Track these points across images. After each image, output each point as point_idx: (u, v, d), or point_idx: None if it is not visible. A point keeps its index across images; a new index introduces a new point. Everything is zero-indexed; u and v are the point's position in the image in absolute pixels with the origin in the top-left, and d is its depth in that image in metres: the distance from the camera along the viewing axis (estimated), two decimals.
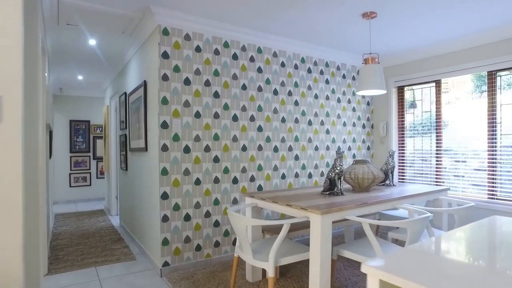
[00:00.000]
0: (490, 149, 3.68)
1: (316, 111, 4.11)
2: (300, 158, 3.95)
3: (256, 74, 3.59)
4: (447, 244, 1.29)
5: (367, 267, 1.02)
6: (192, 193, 3.13)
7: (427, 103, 4.29)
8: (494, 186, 3.64)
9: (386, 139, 4.66)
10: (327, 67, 4.23)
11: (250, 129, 3.53)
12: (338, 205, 2.24)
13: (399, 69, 4.50)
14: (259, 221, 2.05)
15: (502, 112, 3.61)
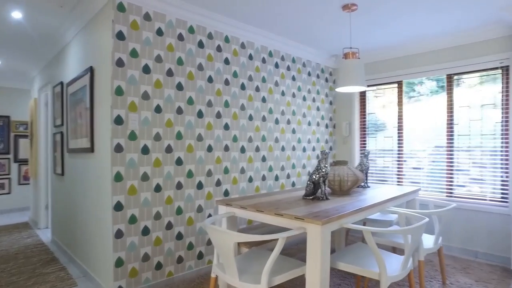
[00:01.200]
0: (449, 149, 3.78)
1: (283, 109, 3.86)
2: (267, 159, 3.66)
3: (223, 66, 3.21)
4: None
5: None
6: (152, 201, 2.64)
7: (389, 104, 4.31)
8: (452, 185, 3.75)
9: (348, 139, 4.60)
10: (293, 63, 4.02)
11: (216, 127, 3.14)
12: (334, 212, 1.99)
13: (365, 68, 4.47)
14: (251, 236, 1.70)
15: (459, 114, 3.73)
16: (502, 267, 3.21)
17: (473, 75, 3.65)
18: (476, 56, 3.55)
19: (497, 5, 2.88)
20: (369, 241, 1.87)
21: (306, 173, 4.18)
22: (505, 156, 3.41)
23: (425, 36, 3.65)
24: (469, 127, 3.67)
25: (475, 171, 3.61)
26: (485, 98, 3.57)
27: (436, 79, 3.92)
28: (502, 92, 3.46)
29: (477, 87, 3.63)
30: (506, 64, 3.41)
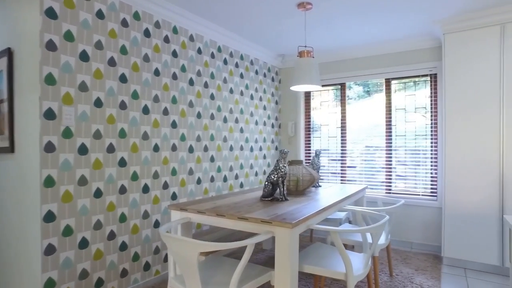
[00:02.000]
0: (388, 149, 4.04)
1: (231, 107, 3.72)
2: (216, 160, 3.49)
3: (171, 59, 2.95)
4: None
5: None
6: (91, 209, 2.29)
7: (333, 105, 4.46)
8: (390, 182, 4.02)
9: (294, 139, 4.65)
10: (242, 60, 3.90)
11: (164, 124, 2.87)
12: (300, 214, 1.92)
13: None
14: (219, 245, 1.53)
15: (397, 115, 4.01)
16: (434, 255, 3.52)
17: (407, 80, 3.96)
18: (410, 63, 3.84)
19: (431, 18, 3.13)
20: (337, 242, 1.85)
21: (254, 174, 4.11)
22: (434, 154, 3.76)
23: (368, 41, 3.84)
24: (405, 128, 3.97)
25: (410, 168, 3.91)
26: (418, 102, 3.89)
27: (374, 83, 4.16)
28: (431, 97, 3.80)
29: (411, 91, 3.94)
30: (434, 72, 3.75)
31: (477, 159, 3.12)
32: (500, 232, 3.02)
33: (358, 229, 1.84)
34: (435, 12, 3.03)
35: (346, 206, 2.54)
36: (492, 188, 3.05)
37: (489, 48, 3.08)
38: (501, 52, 3.04)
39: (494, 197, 3.05)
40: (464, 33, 3.18)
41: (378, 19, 3.20)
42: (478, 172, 3.11)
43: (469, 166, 3.15)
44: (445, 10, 3.01)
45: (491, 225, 3.06)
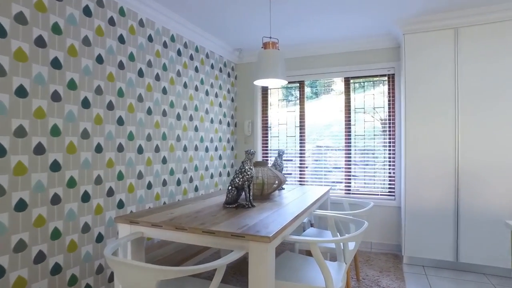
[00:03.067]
0: (347, 149, 4.00)
1: (185, 103, 3.38)
2: (168, 161, 3.12)
3: (117, 44, 2.54)
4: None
5: None
6: (11, 226, 1.82)
7: (292, 103, 4.31)
8: (350, 182, 3.98)
9: (250, 138, 4.42)
10: (197, 52, 3.57)
11: (108, 121, 2.45)
12: (275, 224, 1.69)
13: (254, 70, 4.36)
14: (183, 269, 1.23)
15: (356, 115, 3.99)
16: (393, 254, 3.53)
17: (366, 80, 3.95)
18: (369, 63, 3.83)
19: (392, 17, 3.11)
20: (317, 254, 1.64)
21: (209, 176, 3.80)
22: (392, 154, 3.79)
23: (329, 38, 3.75)
24: (363, 127, 3.95)
25: (369, 168, 3.90)
26: (377, 101, 3.90)
27: (326, 82, 4.10)
28: (389, 96, 3.83)
29: (370, 90, 3.94)
30: (392, 72, 3.78)
31: (435, 158, 3.16)
32: (456, 229, 3.09)
33: (341, 239, 1.66)
34: (396, 11, 3.00)
35: (316, 211, 2.37)
36: (448, 187, 3.12)
37: (445, 50, 3.14)
38: (455, 55, 3.11)
39: (450, 195, 3.11)
40: (422, 34, 3.21)
41: (340, 16, 3.09)
42: (436, 171, 3.16)
43: (428, 166, 3.19)
44: (405, 11, 3.00)
45: (447, 222, 3.12)
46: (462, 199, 3.07)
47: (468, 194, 3.06)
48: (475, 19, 3.03)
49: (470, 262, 3.07)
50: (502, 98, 2.98)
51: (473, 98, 3.06)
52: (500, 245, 2.97)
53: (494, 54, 3.00)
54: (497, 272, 3.02)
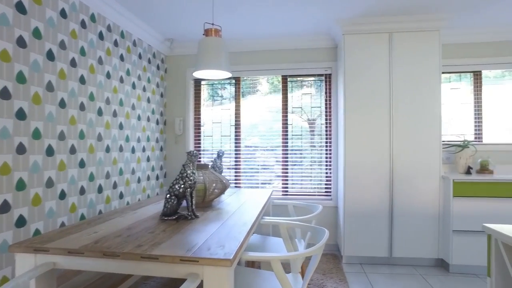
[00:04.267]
0: (284, 149, 3.90)
1: (108, 96, 2.88)
2: (87, 165, 2.61)
3: (15, 14, 1.98)
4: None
5: None
6: None
7: (227, 100, 4.06)
8: (287, 183, 3.90)
9: (181, 138, 4.04)
10: (122, 38, 3.09)
11: (3, 114, 1.89)
12: (229, 241, 1.43)
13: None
14: None
15: (293, 115, 3.92)
16: (332, 254, 3.53)
17: (304, 79, 3.90)
18: (308, 62, 3.79)
19: (333, 16, 3.08)
20: (278, 271, 1.43)
21: (136, 180, 3.33)
22: (329, 154, 3.80)
23: (268, 34, 3.60)
24: (301, 127, 3.90)
25: (305, 168, 3.86)
26: (314, 101, 3.88)
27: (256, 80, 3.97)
28: (326, 96, 3.84)
29: (308, 90, 3.90)
30: (329, 72, 3.80)
31: (372, 159, 3.24)
32: (390, 226, 3.21)
33: (306, 252, 1.47)
34: (337, 11, 2.98)
35: (266, 218, 2.17)
36: (384, 187, 3.22)
37: (381, 53, 3.24)
38: (389, 58, 3.23)
39: (386, 195, 3.22)
40: (361, 36, 3.26)
41: (281, 13, 2.95)
42: (373, 170, 3.23)
43: (366, 165, 3.25)
44: (346, 11, 2.99)
45: (383, 221, 3.22)
46: (396, 198, 3.20)
47: (400, 193, 3.19)
48: (406, 25, 3.18)
49: (402, 256, 3.21)
50: (423, 103, 3.18)
51: (403, 101, 3.21)
52: (426, 238, 3.17)
53: (418, 59, 3.19)
54: (424, 263, 3.21)
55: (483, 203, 3.00)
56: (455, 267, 3.05)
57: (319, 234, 1.69)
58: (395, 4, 2.88)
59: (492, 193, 2.99)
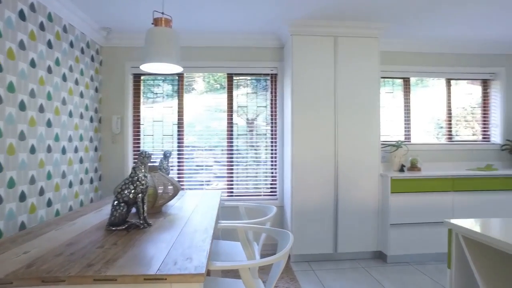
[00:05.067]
0: (229, 148, 3.82)
1: (33, 87, 2.48)
2: (6, 169, 2.21)
3: None
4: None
5: None
6: None
7: (169, 97, 3.83)
8: (232, 184, 3.82)
9: (119, 137, 3.70)
10: (50, 21, 2.69)
11: None
12: (196, 252, 1.30)
13: (140, 53, 3.72)
14: None
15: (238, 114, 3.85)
16: None
17: (250, 78, 3.85)
18: (254, 60, 3.75)
19: (282, 16, 3.08)
20: (247, 280, 1.34)
21: (67, 185, 2.94)
22: (274, 154, 3.82)
23: (215, 30, 3.47)
24: (246, 126, 3.84)
25: (251, 168, 3.82)
26: (260, 100, 3.86)
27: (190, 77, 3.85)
28: (271, 96, 3.85)
29: (254, 89, 3.86)
30: (275, 72, 3.81)
31: (318, 158, 3.32)
32: (335, 223, 3.33)
33: (274, 258, 1.41)
34: (286, 12, 3.00)
35: (222, 222, 2.06)
36: (329, 184, 3.32)
37: (327, 55, 3.34)
38: (334, 60, 3.34)
39: (331, 193, 3.33)
40: (308, 38, 3.32)
41: (231, 8, 2.87)
42: (319, 170, 3.32)
43: (312, 165, 3.32)
44: (294, 13, 3.02)
45: (328, 218, 3.32)
46: (340, 196, 3.33)
47: (344, 191, 3.34)
48: (350, 31, 3.32)
49: (345, 251, 3.36)
50: (364, 105, 3.37)
51: (347, 103, 3.35)
52: (367, 232, 3.36)
53: (360, 63, 3.37)
54: (365, 256, 3.40)
55: (415, 197, 3.28)
56: (392, 258, 3.29)
57: (284, 237, 1.64)
58: (340, 9, 2.98)
59: (421, 189, 3.29)
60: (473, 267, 1.12)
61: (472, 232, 1.12)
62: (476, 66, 4.04)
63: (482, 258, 1.14)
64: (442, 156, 3.97)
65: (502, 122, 4.07)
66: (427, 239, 3.30)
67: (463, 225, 1.19)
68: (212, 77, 3.86)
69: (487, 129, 4.18)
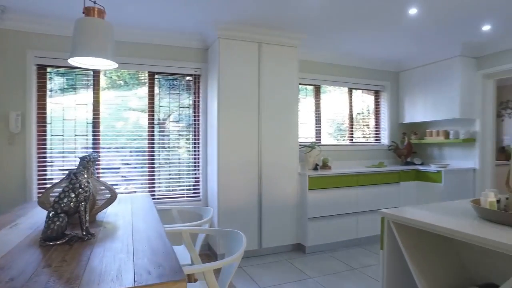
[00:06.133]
0: (150, 149, 3.66)
1: None
2: None
3: None
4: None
5: None
6: None
7: (82, 94, 3.46)
8: (154, 186, 3.67)
9: (20, 138, 3.18)
10: None
11: None
12: (162, 257, 1.27)
13: (46, 41, 3.25)
14: None
15: (161, 113, 3.72)
16: (206, 254, 3.56)
17: (173, 77, 3.76)
18: (178, 60, 3.67)
19: (211, 18, 3.12)
20: (213, 282, 1.37)
21: None
22: (197, 155, 3.81)
23: (136, 24, 3.28)
24: (169, 127, 3.74)
25: (173, 170, 3.73)
26: (183, 101, 3.79)
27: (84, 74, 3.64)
28: (194, 97, 3.83)
29: (175, 88, 3.78)
30: (199, 73, 3.80)
31: (244, 159, 3.45)
32: (259, 220, 3.52)
33: (231, 259, 1.46)
34: (214, 14, 3.05)
35: (166, 226, 2.00)
36: (253, 183, 3.49)
37: (252, 60, 3.49)
38: (259, 66, 3.53)
39: (255, 191, 3.50)
40: (235, 42, 3.42)
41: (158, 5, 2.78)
42: (244, 170, 3.45)
43: (238, 165, 3.43)
44: (222, 15, 3.09)
45: (253, 216, 3.49)
46: (264, 194, 3.53)
47: (267, 190, 3.55)
48: (272, 39, 3.55)
49: (269, 246, 3.57)
50: (285, 109, 3.66)
51: (270, 107, 3.57)
52: (287, 227, 3.64)
53: (281, 70, 3.64)
54: (286, 249, 3.68)
55: (328, 193, 3.70)
56: (310, 248, 3.64)
57: (234, 237, 1.70)
58: (264, 18, 3.16)
59: (333, 185, 3.73)
60: (401, 245, 1.39)
61: (400, 218, 1.38)
62: (371, 78, 4.76)
63: (407, 238, 1.42)
64: (346, 156, 4.55)
65: (388, 127, 4.88)
66: (338, 228, 3.75)
67: (392, 213, 1.45)
68: (128, 74, 3.63)
69: (379, 132, 4.96)
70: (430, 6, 2.88)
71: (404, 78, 4.78)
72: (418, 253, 1.40)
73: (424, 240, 1.46)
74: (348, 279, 2.92)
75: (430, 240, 1.47)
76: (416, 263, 1.37)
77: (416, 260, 1.38)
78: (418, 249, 1.41)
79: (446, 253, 1.46)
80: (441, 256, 1.44)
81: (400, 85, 4.88)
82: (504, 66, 3.83)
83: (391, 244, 1.51)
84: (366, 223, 3.91)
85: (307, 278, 2.95)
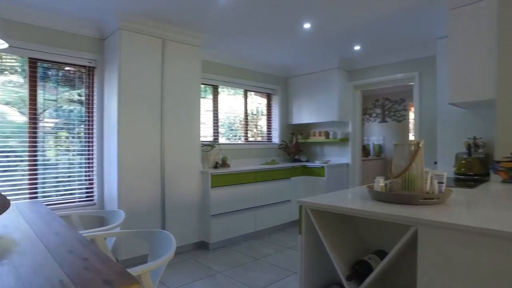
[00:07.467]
0: (32, 150, 3.15)
1: None
2: None
3: None
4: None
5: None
6: None
7: None
8: (36, 191, 3.17)
9: None
10: None
11: None
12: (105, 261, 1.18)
13: None
14: None
15: (45, 105, 3.24)
16: None
17: (60, 66, 3.30)
18: (68, 48, 3.25)
19: (112, 5, 2.89)
20: (149, 283, 1.33)
21: None
22: (91, 156, 3.45)
23: (31, 3, 2.77)
24: (55, 123, 3.27)
25: (62, 172, 3.29)
26: (73, 96, 3.38)
27: None
28: (88, 91, 3.46)
29: (64, 81, 3.34)
30: (93, 65, 3.45)
31: (146, 159, 3.31)
32: (163, 220, 3.43)
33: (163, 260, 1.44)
34: (116, 3, 2.84)
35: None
36: (156, 183, 3.38)
37: (156, 56, 3.38)
38: (162, 62, 3.44)
39: (157, 191, 3.40)
40: (138, 35, 3.24)
41: None
42: (146, 170, 3.31)
43: (140, 165, 3.27)
44: (125, 6, 2.92)
45: (156, 216, 3.38)
46: (167, 194, 3.45)
47: (170, 189, 3.48)
48: (176, 36, 3.51)
49: None
50: (187, 108, 3.68)
51: (172, 105, 3.52)
52: (191, 226, 3.66)
53: (185, 68, 3.64)
54: (190, 248, 3.68)
55: (229, 190, 3.86)
56: (213, 245, 3.73)
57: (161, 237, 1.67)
58: (167, 14, 3.11)
59: (234, 182, 3.91)
60: (317, 228, 1.62)
61: (315, 204, 1.62)
62: (264, 82, 5.15)
63: (321, 221, 1.67)
64: (242, 154, 4.81)
65: (279, 127, 5.38)
66: (239, 223, 3.96)
67: (309, 200, 1.68)
68: None
69: (270, 132, 5.41)
70: (318, 25, 3.35)
71: (293, 84, 5.35)
72: (330, 232, 1.66)
73: (333, 221, 1.73)
74: (254, 269, 3.13)
75: (339, 220, 1.75)
76: (329, 240, 1.62)
77: (328, 238, 1.63)
78: (330, 229, 1.67)
79: (349, 229, 1.78)
80: (346, 233, 1.74)
81: (289, 89, 5.43)
82: (367, 80, 4.72)
83: (308, 228, 1.74)
84: (263, 216, 4.24)
85: (215, 273, 3.03)
